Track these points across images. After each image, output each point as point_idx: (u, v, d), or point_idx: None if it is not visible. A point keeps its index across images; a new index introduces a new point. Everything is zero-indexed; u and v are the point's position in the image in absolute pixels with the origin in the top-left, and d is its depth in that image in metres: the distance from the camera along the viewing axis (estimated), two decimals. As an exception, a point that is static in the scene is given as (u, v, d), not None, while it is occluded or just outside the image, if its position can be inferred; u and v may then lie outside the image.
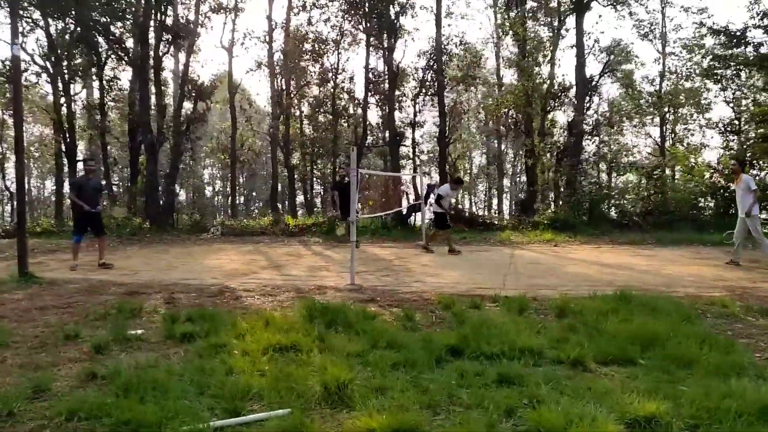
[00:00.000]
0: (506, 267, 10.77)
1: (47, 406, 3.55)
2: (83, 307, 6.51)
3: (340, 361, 4.12)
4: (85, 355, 4.63)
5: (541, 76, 21.58)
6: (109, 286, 7.99)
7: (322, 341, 4.77)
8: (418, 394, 3.61)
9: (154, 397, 3.50)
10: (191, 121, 20.33)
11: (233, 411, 3.39)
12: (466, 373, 3.97)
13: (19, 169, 8.96)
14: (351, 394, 3.60)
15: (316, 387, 3.74)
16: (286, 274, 9.78)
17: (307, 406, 3.46)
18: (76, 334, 5.15)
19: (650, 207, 18.75)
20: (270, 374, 3.96)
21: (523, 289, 7.55)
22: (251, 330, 5.08)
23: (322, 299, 6.90)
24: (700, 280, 8.81)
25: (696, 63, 26.70)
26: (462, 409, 3.41)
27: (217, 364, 4.24)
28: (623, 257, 12.34)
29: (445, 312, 6.21)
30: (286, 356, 4.45)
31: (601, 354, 4.36)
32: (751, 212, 10.19)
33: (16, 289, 7.66)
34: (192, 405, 3.43)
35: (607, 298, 6.54)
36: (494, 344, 4.51)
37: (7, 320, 5.79)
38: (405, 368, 4.12)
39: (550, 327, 5.27)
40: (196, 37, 20.35)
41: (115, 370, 4.10)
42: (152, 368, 4.20)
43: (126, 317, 5.84)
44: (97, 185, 10.81)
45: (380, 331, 5.01)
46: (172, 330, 5.20)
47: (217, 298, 7.20)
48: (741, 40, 18.82)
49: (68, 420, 3.32)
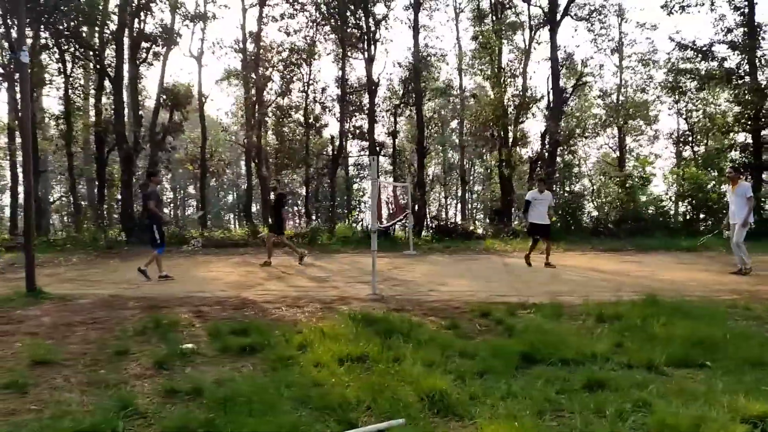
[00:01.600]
0: (507, 275, 10.93)
1: (146, 423, 3.44)
2: (111, 323, 6.29)
3: (428, 371, 4.12)
4: (150, 371, 4.50)
5: (516, 86, 22.06)
6: (124, 300, 7.74)
7: (388, 350, 4.76)
8: (518, 400, 3.65)
9: (261, 411, 3.42)
10: (168, 130, 19.88)
11: (347, 422, 3.35)
12: (551, 379, 4.03)
13: (27, 183, 8.60)
14: (453, 403, 3.61)
15: (411, 396, 3.73)
16: (294, 285, 9.67)
17: (417, 416, 3.45)
18: (125, 350, 4.99)
19: (623, 215, 19.31)
20: (363, 385, 3.93)
21: (541, 296, 7.69)
22: (311, 342, 5.02)
23: (350, 309, 6.88)
24: (702, 284, 9.14)
25: (650, 77, 27.94)
26: (569, 415, 3.46)
27: (297, 376, 4.18)
28: (614, 264, 12.69)
29: (484, 319, 6.28)
30: (361, 366, 4.42)
31: (667, 358, 4.48)
32: (747, 221, 10.30)
33: (29, 305, 7.34)
34: (304, 418, 3.37)
35: (636, 303, 6.73)
36: (563, 351, 4.59)
37: (41, 338, 5.54)
38: (489, 376, 4.15)
39: (601, 332, 5.37)
40: (173, 45, 19.94)
41: (195, 385, 4.00)
42: (230, 382, 4.12)
43: (166, 331, 5.67)
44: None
45: (444, 341, 5.04)
46: (226, 343, 5.08)
47: (243, 310, 7.07)
48: (707, 55, 19.70)
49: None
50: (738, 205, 10.49)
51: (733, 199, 10.67)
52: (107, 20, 18.76)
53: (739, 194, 10.45)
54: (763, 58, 19.51)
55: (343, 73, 22.27)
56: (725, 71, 19.50)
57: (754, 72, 19.43)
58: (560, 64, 21.05)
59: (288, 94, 25.18)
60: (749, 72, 19.49)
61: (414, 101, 20.82)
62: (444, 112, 30.47)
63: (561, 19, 20.70)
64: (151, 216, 10.47)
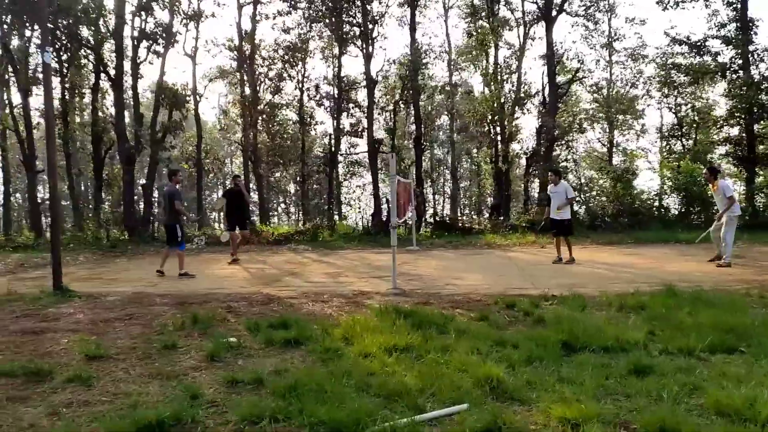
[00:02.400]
0: (515, 268, 11.14)
1: (219, 411, 3.58)
2: (146, 318, 6.40)
3: (480, 360, 4.29)
4: (203, 363, 4.62)
5: (512, 82, 22.30)
6: (151, 297, 7.83)
7: (431, 341, 4.92)
8: (573, 386, 3.82)
9: (330, 399, 3.57)
10: (168, 129, 19.88)
11: (414, 408, 3.50)
12: (596, 366, 4.21)
13: (51, 182, 8.64)
14: (510, 389, 3.78)
15: (468, 383, 3.90)
16: (310, 281, 9.82)
17: (479, 401, 3.61)
18: (173, 344, 5.11)
19: (621, 208, 19.62)
20: (418, 373, 4.09)
21: (556, 289, 7.86)
22: (355, 334, 5.17)
23: (380, 303, 7.04)
24: (709, 275, 9.38)
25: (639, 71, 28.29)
26: (623, 399, 3.64)
27: (350, 366, 4.32)
28: (617, 257, 12.95)
29: (510, 311, 6.46)
30: (409, 356, 4.58)
31: (702, 344, 4.67)
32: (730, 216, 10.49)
33: (59, 303, 7.40)
34: (372, 405, 3.52)
35: (655, 293, 6.95)
36: (601, 339, 4.78)
37: (85, 334, 5.64)
38: (537, 363, 4.33)
39: (634, 322, 5.56)
40: (173, 43, 19.94)
41: (255, 375, 4.14)
42: (286, 372, 4.27)
43: (205, 326, 5.80)
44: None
45: (481, 331, 5.22)
46: (270, 337, 5.22)
47: (270, 305, 7.19)
48: (701, 50, 20.05)
49: (255, 423, 3.36)
50: (721, 203, 10.76)
51: (716, 198, 11.03)
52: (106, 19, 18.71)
53: (719, 194, 10.70)
54: (756, 53, 19.89)
55: (339, 71, 22.39)
56: (720, 66, 19.85)
57: (746, 66, 19.81)
58: (556, 60, 21.28)
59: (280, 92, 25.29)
60: (742, 66, 19.86)
61: (412, 98, 20.97)
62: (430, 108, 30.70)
63: (557, 15, 20.93)
64: (177, 215, 10.55)
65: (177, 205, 10.62)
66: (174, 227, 10.68)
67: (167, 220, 10.97)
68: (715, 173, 11.29)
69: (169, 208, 10.78)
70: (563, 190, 11.75)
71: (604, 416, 3.30)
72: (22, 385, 4.17)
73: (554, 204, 11.77)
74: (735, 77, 19.92)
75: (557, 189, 11.83)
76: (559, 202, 11.69)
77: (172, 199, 10.68)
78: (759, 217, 18.79)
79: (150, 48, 19.09)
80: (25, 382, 4.21)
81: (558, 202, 11.70)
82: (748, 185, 20.00)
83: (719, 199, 10.88)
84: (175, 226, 10.67)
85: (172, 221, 10.76)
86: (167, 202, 10.84)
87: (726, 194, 10.61)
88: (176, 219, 10.69)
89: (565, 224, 11.82)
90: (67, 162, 22.83)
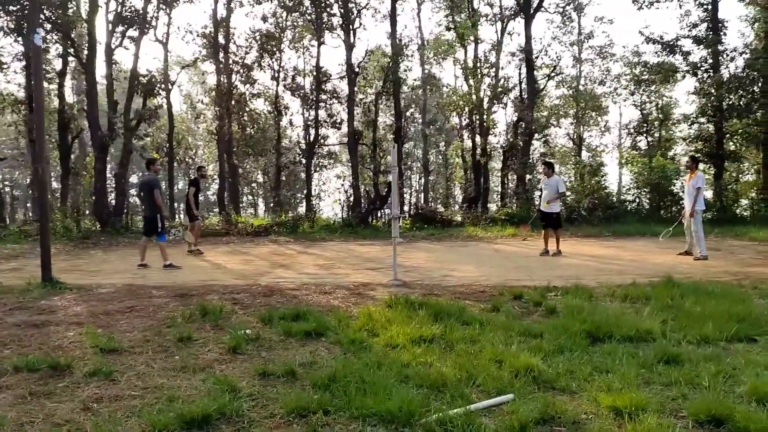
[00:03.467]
0: (505, 260, 11.21)
1: (260, 405, 3.49)
2: (148, 311, 6.21)
3: (515, 350, 4.29)
4: (226, 356, 4.51)
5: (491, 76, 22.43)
6: (146, 289, 7.62)
7: (454, 331, 4.90)
8: (609, 375, 3.85)
9: (373, 391, 3.51)
10: (142, 117, 19.33)
11: (460, 398, 3.47)
12: (625, 355, 4.25)
13: (40, 171, 8.31)
14: (550, 378, 3.79)
15: (505, 373, 3.89)
16: (305, 273, 9.71)
17: (523, 390, 3.61)
18: (188, 336, 4.96)
19: (596, 202, 19.97)
20: (453, 363, 4.06)
21: (553, 281, 7.91)
22: (378, 325, 5.12)
23: (378, 294, 7.01)
24: (693, 267, 9.62)
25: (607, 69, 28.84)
26: (662, 387, 3.68)
27: (379, 357, 4.26)
28: (601, 249, 13.18)
29: (518, 302, 6.49)
30: (438, 347, 4.55)
31: (719, 333, 4.77)
32: (694, 210, 10.76)
33: (51, 295, 7.13)
34: (417, 395, 3.48)
35: (656, 284, 7.08)
36: (622, 329, 4.83)
37: (89, 326, 5.43)
38: (567, 353, 4.34)
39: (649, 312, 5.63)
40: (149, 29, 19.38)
41: (286, 368, 4.06)
42: (316, 364, 4.20)
43: (215, 318, 5.66)
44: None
45: (501, 322, 5.22)
46: (290, 329, 5.12)
47: (272, 297, 7.05)
48: (673, 49, 20.49)
49: (302, 416, 3.29)
50: (690, 194, 10.98)
51: (687, 188, 11.21)
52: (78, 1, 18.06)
53: (692, 184, 10.91)
54: (726, 53, 20.43)
55: (318, 60, 22.17)
56: (691, 65, 20.35)
57: (716, 66, 20.34)
58: (534, 56, 21.47)
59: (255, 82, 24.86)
60: (713, 66, 20.38)
61: (392, 90, 20.89)
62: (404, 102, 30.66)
63: (535, 11, 21.11)
64: (156, 205, 10.26)
65: (156, 196, 10.33)
66: (154, 218, 10.39)
67: (147, 210, 10.63)
68: (697, 162, 11.56)
69: (148, 198, 10.45)
70: (555, 184, 11.85)
71: (651, 405, 3.32)
72: (41, 379, 4.00)
73: (545, 197, 11.89)
74: (706, 76, 20.42)
75: (549, 182, 11.95)
76: (549, 196, 11.78)
77: (151, 189, 10.38)
78: (727, 212, 19.40)
79: (125, 33, 18.49)
80: (44, 377, 4.04)
81: (548, 195, 11.80)
82: (716, 181, 20.58)
83: (689, 191, 11.07)
84: (155, 216, 10.38)
85: (152, 212, 10.45)
86: (147, 192, 10.50)
87: (696, 185, 10.85)
88: (157, 209, 10.39)
89: (553, 217, 11.95)
90: (32, 150, 21.97)
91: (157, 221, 10.26)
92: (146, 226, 10.72)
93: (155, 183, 10.40)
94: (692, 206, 10.77)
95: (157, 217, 10.27)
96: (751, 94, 19.85)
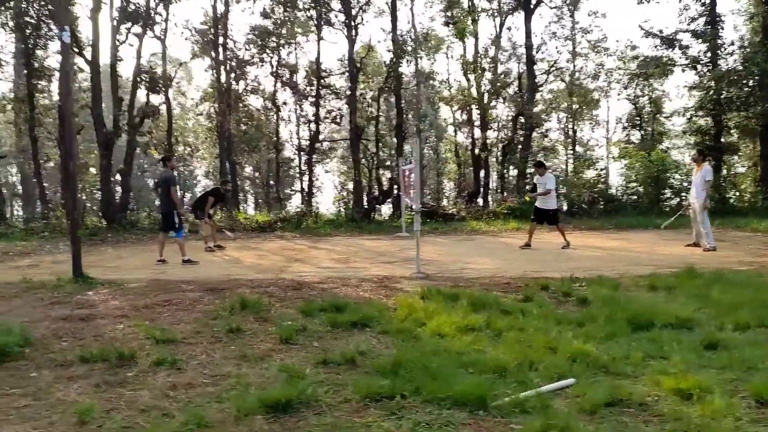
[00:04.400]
0: (517, 253, 11.34)
1: (331, 391, 3.61)
2: (185, 304, 6.32)
3: (569, 337, 4.46)
4: (281, 346, 4.64)
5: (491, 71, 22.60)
6: (176, 284, 7.71)
7: (499, 320, 5.06)
8: (662, 360, 4.02)
9: (438, 376, 3.65)
10: (146, 114, 19.32)
11: (524, 383, 3.62)
12: (668, 342, 4.42)
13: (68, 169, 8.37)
14: (605, 363, 3.94)
15: (560, 359, 4.04)
16: (323, 267, 9.81)
17: (583, 375, 3.76)
18: (237, 328, 5.08)
19: (596, 196, 20.23)
20: (507, 350, 4.21)
21: (572, 272, 8.03)
22: (418, 316, 5.26)
23: (405, 287, 7.16)
24: (705, 258, 9.81)
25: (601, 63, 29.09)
26: (717, 370, 3.84)
27: (433, 346, 4.40)
28: (607, 241, 13.38)
29: (546, 292, 6.64)
30: (486, 335, 4.70)
31: (755, 320, 4.94)
32: (704, 204, 11.01)
33: (84, 290, 7.20)
34: (483, 380, 3.61)
35: (678, 274, 7.28)
36: (661, 316, 5.00)
37: (136, 319, 5.54)
38: (614, 339, 4.51)
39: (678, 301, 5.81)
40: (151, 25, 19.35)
41: (345, 356, 4.19)
42: (371, 352, 4.34)
43: (257, 311, 5.77)
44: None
45: (540, 312, 5.38)
46: (334, 319, 5.25)
47: (302, 290, 7.14)
48: (672, 43, 20.75)
49: (377, 401, 3.42)
50: (697, 187, 11.19)
51: (695, 181, 11.42)
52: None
53: (699, 177, 11.15)
54: (724, 47, 20.71)
55: (318, 56, 22.23)
56: (691, 59, 20.63)
57: (715, 60, 20.61)
58: (534, 50, 21.65)
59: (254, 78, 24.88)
60: (711, 60, 20.66)
61: (394, 86, 21.00)
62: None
63: (536, 6, 21.27)
64: (172, 202, 10.32)
65: (172, 192, 10.39)
66: (171, 214, 10.44)
67: (163, 207, 10.68)
68: (704, 156, 11.76)
69: (164, 194, 10.50)
70: (545, 182, 12.08)
71: (712, 387, 3.48)
72: (110, 369, 4.10)
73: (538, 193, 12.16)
74: (705, 70, 20.70)
75: (541, 180, 12.17)
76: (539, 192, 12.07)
77: (168, 185, 10.43)
78: (725, 204, 19.72)
79: (130, 30, 18.46)
80: (112, 367, 4.14)
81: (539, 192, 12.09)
82: (715, 173, 20.84)
83: (697, 184, 11.26)
84: (172, 212, 10.43)
85: (168, 208, 10.50)
86: (163, 188, 10.56)
87: (705, 178, 11.07)
88: (173, 206, 10.45)
89: (550, 213, 12.13)
90: (33, 147, 21.88)
91: (173, 217, 10.32)
92: (162, 222, 10.79)
93: (171, 179, 10.46)
94: (704, 199, 10.96)
95: (173, 213, 10.33)
96: (749, 87, 20.13)
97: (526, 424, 3.03)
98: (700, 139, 21.56)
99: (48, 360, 4.35)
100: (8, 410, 3.44)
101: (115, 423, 3.20)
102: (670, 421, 3.11)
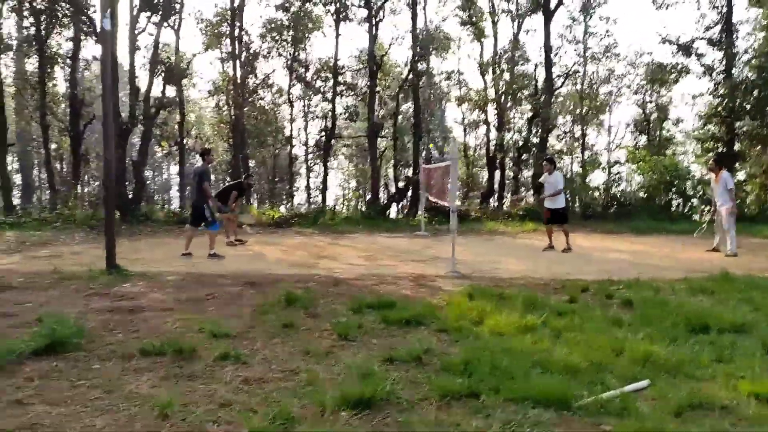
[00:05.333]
0: (541, 254, 11.31)
1: (407, 389, 3.59)
2: (227, 298, 6.32)
3: (640, 338, 4.47)
4: (341, 342, 4.64)
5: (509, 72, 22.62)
6: (212, 277, 7.70)
7: (555, 320, 5.05)
8: (729, 363, 4.01)
9: (511, 375, 3.64)
10: (163, 105, 19.28)
11: (598, 383, 3.61)
12: (727, 346, 4.41)
13: (107, 158, 8.36)
14: (674, 366, 3.94)
15: (627, 360, 4.04)
16: (352, 264, 9.80)
17: (656, 377, 3.75)
18: (290, 323, 5.08)
19: (611, 199, 20.22)
20: (573, 350, 4.20)
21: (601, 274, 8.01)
22: (472, 314, 5.26)
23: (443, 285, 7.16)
24: (731, 263, 9.73)
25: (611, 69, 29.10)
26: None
27: (495, 345, 4.39)
28: (627, 245, 13.39)
29: (586, 294, 6.64)
30: (548, 335, 4.69)
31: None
32: (732, 209, 11.05)
33: (120, 282, 7.16)
34: (558, 380, 3.61)
35: (713, 278, 7.28)
36: (714, 320, 5.01)
37: (185, 313, 5.53)
38: (676, 342, 4.50)
39: (730, 305, 5.81)
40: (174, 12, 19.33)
41: (411, 354, 4.18)
42: (434, 351, 4.32)
43: (304, 306, 5.76)
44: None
45: (592, 314, 5.38)
46: (386, 317, 5.25)
47: (340, 287, 7.14)
48: (688, 50, 20.75)
49: (457, 399, 3.42)
50: (720, 194, 11.22)
51: (715, 188, 11.47)
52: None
53: (720, 184, 11.18)
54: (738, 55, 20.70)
55: (336, 51, 22.18)
56: (707, 67, 20.64)
57: (730, 68, 20.60)
58: (553, 53, 21.65)
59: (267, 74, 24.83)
60: (726, 68, 20.64)
61: (412, 84, 20.98)
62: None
63: (556, 8, 21.26)
64: (205, 196, 10.31)
65: (204, 186, 10.39)
66: (202, 208, 10.45)
67: (195, 200, 10.71)
68: (721, 164, 11.77)
69: (198, 187, 10.53)
70: (554, 181, 11.86)
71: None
72: (174, 363, 4.09)
73: (546, 193, 12.01)
74: (721, 78, 20.69)
75: (549, 179, 11.97)
76: (549, 192, 11.87)
77: (201, 178, 10.44)
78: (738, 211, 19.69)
79: (150, 18, 18.44)
80: (174, 360, 4.13)
81: (549, 191, 11.89)
82: (730, 180, 20.86)
83: (719, 191, 11.28)
84: (201, 205, 10.45)
85: (200, 202, 10.51)
86: (197, 181, 10.58)
87: (728, 186, 11.11)
88: (204, 199, 10.46)
89: (559, 212, 11.93)
90: (44, 136, 21.80)
91: (203, 210, 10.32)
92: (192, 215, 10.80)
93: (204, 173, 10.46)
94: (732, 206, 11.01)
95: (203, 207, 10.33)
96: (762, 95, 20.10)
97: (618, 425, 3.02)
98: (713, 146, 21.53)
99: (109, 352, 4.34)
100: (82, 402, 3.41)
101: (197, 417, 3.19)
102: (756, 425, 3.11)
